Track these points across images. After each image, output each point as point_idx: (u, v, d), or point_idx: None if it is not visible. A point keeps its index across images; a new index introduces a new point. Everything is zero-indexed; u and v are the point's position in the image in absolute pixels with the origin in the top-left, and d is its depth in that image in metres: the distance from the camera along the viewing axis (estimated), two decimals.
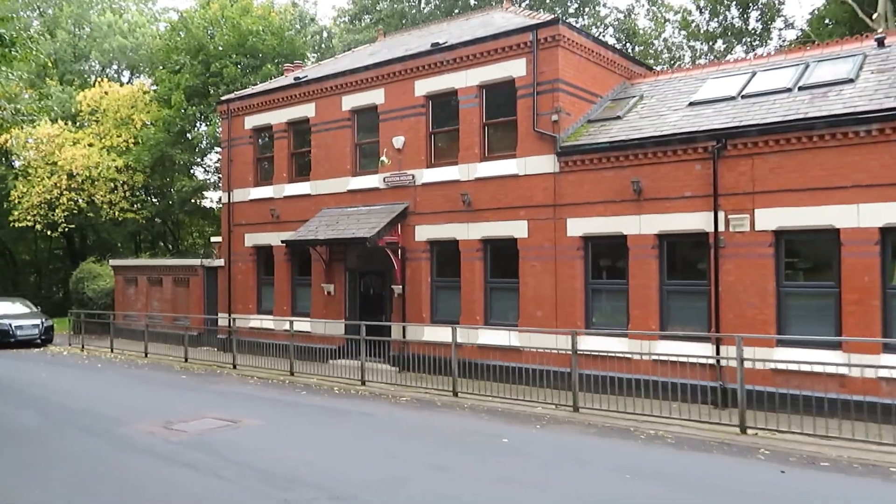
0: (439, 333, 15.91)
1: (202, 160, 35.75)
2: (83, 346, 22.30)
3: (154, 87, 35.87)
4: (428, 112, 17.06)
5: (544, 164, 14.90)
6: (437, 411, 12.04)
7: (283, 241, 18.15)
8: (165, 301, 23.77)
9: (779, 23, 26.88)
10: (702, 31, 28.19)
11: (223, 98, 22.19)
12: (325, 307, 18.92)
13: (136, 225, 37.56)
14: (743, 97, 13.73)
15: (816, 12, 25.41)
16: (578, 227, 14.44)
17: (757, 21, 27.56)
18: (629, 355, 13.43)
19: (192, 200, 36.46)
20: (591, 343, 13.98)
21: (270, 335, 19.69)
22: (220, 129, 23.08)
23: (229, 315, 21.28)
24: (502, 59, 15.57)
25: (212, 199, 38.47)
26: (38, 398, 12.61)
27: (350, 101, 18.50)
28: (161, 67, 35.48)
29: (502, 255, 15.88)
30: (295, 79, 20.15)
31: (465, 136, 16.24)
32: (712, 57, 28.94)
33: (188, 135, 35.06)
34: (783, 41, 27.44)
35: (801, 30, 25.61)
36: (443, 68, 16.58)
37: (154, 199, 38.05)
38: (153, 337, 22.31)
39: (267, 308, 20.80)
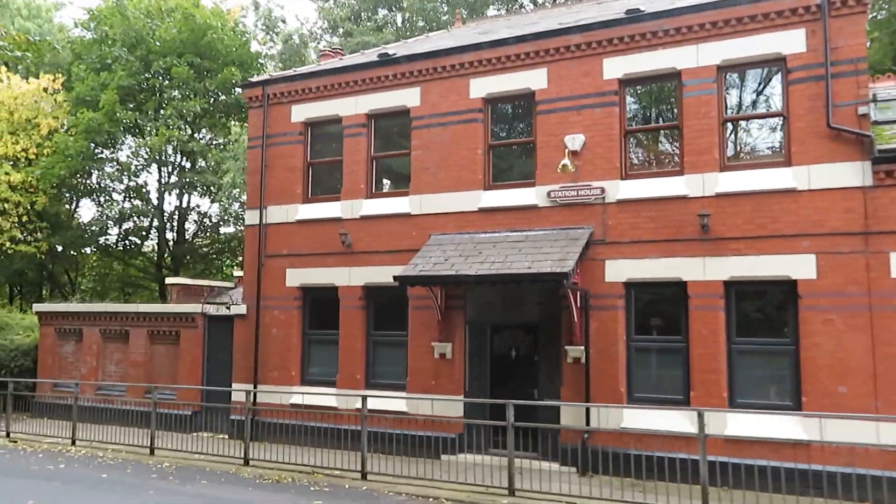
0: (645, 419, 10.86)
1: (129, 180, 27.96)
2: (9, 434, 14.58)
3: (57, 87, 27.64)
4: (622, 101, 12.19)
5: (845, 174, 10.46)
6: None
7: (397, 278, 12.16)
8: (134, 365, 16.47)
9: None
10: None
11: (254, 80, 15.94)
12: (434, 377, 13.05)
13: (24, 262, 28.66)
14: None
15: None
16: None
17: None
18: None
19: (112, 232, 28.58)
20: None
21: (327, 416, 13.45)
22: (247, 123, 16.72)
23: (254, 386, 14.66)
24: (762, 29, 11.14)
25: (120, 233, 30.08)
26: None
27: (484, 86, 13.21)
28: (77, 61, 27.77)
29: (762, 303, 11.16)
30: (380, 56, 14.51)
31: (693, 135, 11.50)
32: None
33: (119, 147, 27.55)
34: None
35: None
36: (653, 42, 11.87)
37: (49, 229, 29.34)
38: (103, 418, 15.06)
39: (318, 377, 14.47)
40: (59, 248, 29.34)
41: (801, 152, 10.78)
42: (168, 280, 21.43)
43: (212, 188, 27.41)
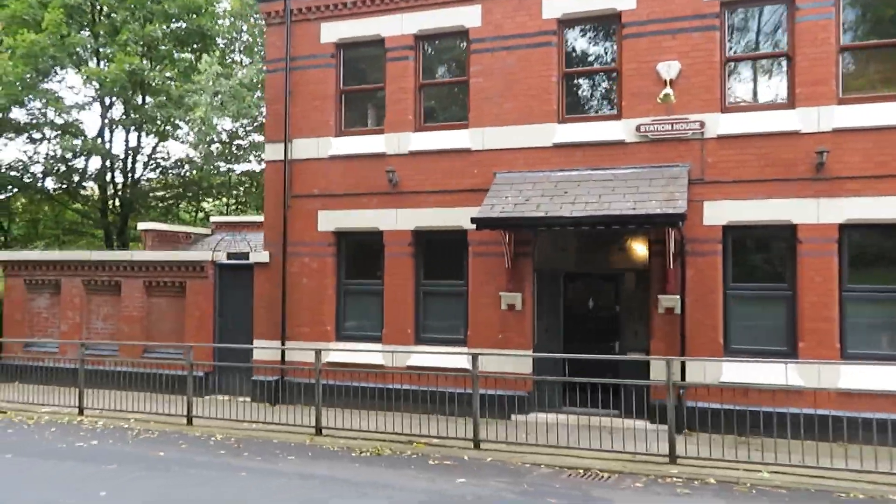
0: (749, 372, 10.08)
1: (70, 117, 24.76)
2: None
3: None
4: (724, 25, 11.00)
5: None
6: None
7: (475, 221, 10.72)
8: (128, 321, 14.42)
9: None
10: None
11: None
12: (501, 330, 11.82)
13: None
14: None
15: None
16: None
17: None
18: None
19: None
20: None
21: (372, 376, 12.06)
22: (265, 43, 14.54)
23: (282, 343, 13.04)
24: None
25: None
26: None
27: (559, 5, 11.71)
28: None
29: (880, 248, 10.41)
30: None
31: (807, 64, 10.47)
32: None
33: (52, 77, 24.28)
34: None
35: None
36: None
37: None
38: (97, 381, 13.12)
39: (358, 331, 12.98)
40: None
41: None
42: (141, 225, 19.14)
43: (175, 125, 24.69)
